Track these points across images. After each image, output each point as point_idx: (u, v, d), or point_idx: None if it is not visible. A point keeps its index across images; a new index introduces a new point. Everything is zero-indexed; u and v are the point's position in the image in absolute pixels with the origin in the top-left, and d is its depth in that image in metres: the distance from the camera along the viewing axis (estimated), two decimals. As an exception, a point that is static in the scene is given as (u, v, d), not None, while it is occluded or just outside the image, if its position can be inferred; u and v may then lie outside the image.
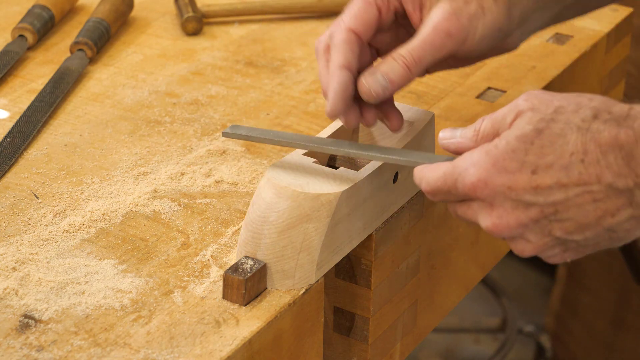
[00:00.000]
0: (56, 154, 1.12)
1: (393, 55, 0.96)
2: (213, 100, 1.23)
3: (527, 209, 0.85)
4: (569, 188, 0.83)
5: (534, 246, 0.87)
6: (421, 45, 0.96)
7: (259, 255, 0.92)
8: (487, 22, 0.98)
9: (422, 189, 0.90)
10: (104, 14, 1.35)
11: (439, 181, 0.88)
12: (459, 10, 0.97)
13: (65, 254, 0.97)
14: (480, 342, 2.43)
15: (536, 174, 0.84)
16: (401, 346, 1.09)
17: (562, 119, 0.85)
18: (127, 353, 0.85)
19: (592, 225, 0.84)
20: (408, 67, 0.95)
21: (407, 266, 1.05)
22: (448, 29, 0.96)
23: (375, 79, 0.95)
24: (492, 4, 0.98)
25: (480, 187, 0.85)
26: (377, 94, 0.95)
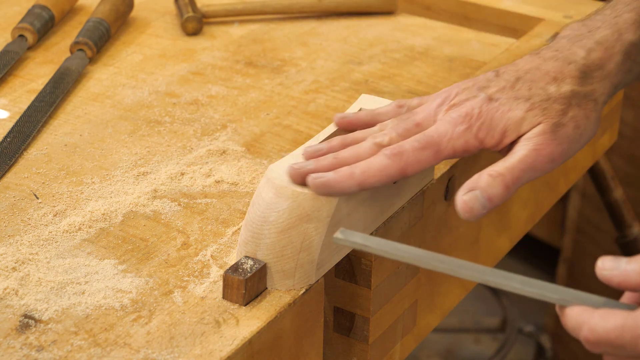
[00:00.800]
0: (56, 154, 1.12)
1: (491, 173, 0.91)
2: (213, 100, 1.23)
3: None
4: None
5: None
6: (520, 165, 0.92)
7: (259, 255, 0.92)
8: (583, 141, 0.95)
9: (581, 336, 0.77)
10: (104, 14, 1.35)
11: (613, 333, 0.75)
12: (557, 133, 0.93)
13: (65, 254, 0.97)
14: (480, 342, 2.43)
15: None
16: (401, 346, 1.09)
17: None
18: (127, 353, 0.85)
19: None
20: (507, 186, 0.91)
21: (407, 266, 1.05)
22: (551, 154, 0.93)
23: (475, 197, 0.90)
24: (586, 122, 0.95)
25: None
26: (478, 214, 0.90)
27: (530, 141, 0.93)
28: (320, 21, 1.44)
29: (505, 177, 0.91)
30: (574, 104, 0.96)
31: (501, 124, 0.94)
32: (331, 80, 1.28)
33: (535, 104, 0.95)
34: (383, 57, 1.34)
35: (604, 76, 0.98)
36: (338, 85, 1.27)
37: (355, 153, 0.94)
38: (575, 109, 0.95)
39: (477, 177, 0.92)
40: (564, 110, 0.95)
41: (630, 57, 0.99)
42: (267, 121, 1.19)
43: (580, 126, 0.95)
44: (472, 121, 0.94)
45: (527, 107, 0.95)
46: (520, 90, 0.96)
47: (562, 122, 0.94)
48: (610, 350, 0.77)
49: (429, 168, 1.04)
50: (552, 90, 0.96)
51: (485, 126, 0.94)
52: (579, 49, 0.99)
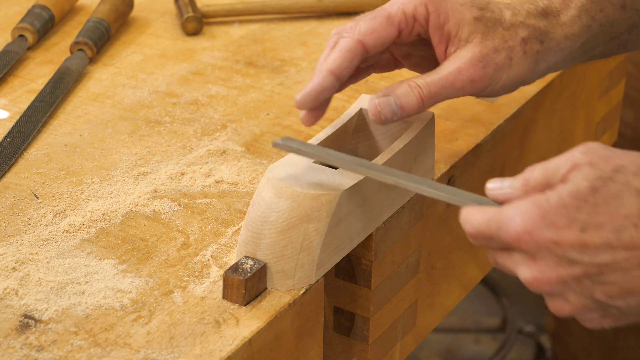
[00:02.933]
0: (56, 154, 1.12)
1: (410, 83, 0.95)
2: (213, 100, 1.23)
3: (571, 266, 0.81)
4: (617, 251, 0.80)
5: (572, 306, 0.83)
6: (441, 82, 0.95)
7: (259, 255, 0.92)
8: (512, 75, 0.97)
9: (465, 231, 0.86)
10: (104, 14, 1.35)
11: (483, 225, 0.84)
12: (488, 58, 0.96)
13: (65, 254, 0.97)
14: (480, 342, 2.43)
15: (585, 232, 0.80)
16: (401, 346, 1.09)
17: (621, 180, 0.81)
18: (127, 353, 0.85)
19: (637, 292, 0.81)
20: (422, 99, 0.94)
21: (407, 266, 1.05)
22: (472, 76, 0.95)
23: (387, 102, 0.94)
24: (521, 57, 0.97)
25: (524, 239, 0.82)
26: (385, 118, 0.94)
27: (457, 60, 0.96)
28: (320, 21, 1.44)
29: (422, 91, 0.94)
30: (518, 35, 0.98)
31: (449, 6, 0.97)
32: (331, 80, 1.28)
33: (485, 17, 0.97)
34: (383, 57, 1.34)
35: (558, 24, 1.00)
36: (338, 85, 1.27)
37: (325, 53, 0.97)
38: (516, 39, 0.98)
39: (396, 85, 0.95)
40: (505, 38, 0.97)
41: (589, 14, 1.01)
42: (267, 121, 1.19)
43: (513, 58, 0.97)
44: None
45: (478, 15, 0.97)
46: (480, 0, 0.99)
47: (497, 47, 0.97)
48: (485, 242, 0.85)
49: (429, 168, 1.04)
50: (506, 15, 0.98)
51: (435, 1, 0.97)
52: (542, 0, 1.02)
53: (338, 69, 0.94)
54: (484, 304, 2.46)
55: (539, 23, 0.99)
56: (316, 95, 0.95)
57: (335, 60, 0.95)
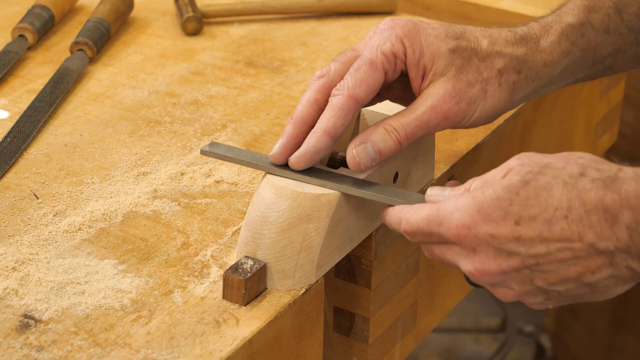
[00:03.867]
0: (56, 154, 1.12)
1: (385, 127, 0.94)
2: (213, 100, 1.23)
3: (509, 258, 0.84)
4: (551, 243, 0.83)
5: (515, 292, 0.86)
6: (415, 122, 0.94)
7: (259, 255, 0.92)
8: (486, 107, 0.96)
9: (401, 229, 0.90)
10: (104, 14, 1.35)
11: (422, 223, 0.88)
12: (461, 92, 0.95)
13: (65, 254, 0.97)
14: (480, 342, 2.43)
15: (519, 225, 0.84)
16: (401, 346, 1.09)
17: (549, 173, 0.84)
18: (127, 353, 0.85)
19: (573, 280, 0.84)
20: (400, 141, 0.94)
21: (407, 266, 1.05)
22: (446, 112, 0.95)
23: (365, 150, 0.93)
24: (496, 89, 0.97)
25: (463, 233, 0.85)
26: (365, 166, 0.94)
27: (429, 97, 0.95)
28: (320, 21, 1.44)
29: (399, 134, 0.94)
30: (494, 66, 0.97)
31: (423, 40, 0.96)
32: (331, 80, 1.28)
33: (461, 47, 0.96)
34: (383, 57, 1.34)
35: (537, 50, 0.99)
36: (338, 85, 1.27)
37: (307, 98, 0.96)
38: (492, 71, 0.97)
39: (371, 129, 0.94)
40: (480, 69, 0.96)
41: (569, 39, 1.00)
42: (267, 121, 1.19)
43: (488, 90, 0.96)
44: (397, 27, 0.96)
45: (453, 46, 0.96)
46: (454, 29, 0.98)
47: (470, 80, 0.96)
48: (423, 239, 0.88)
49: (429, 168, 1.04)
50: (483, 44, 0.97)
51: (410, 35, 0.96)
52: (522, 26, 1.01)
53: (333, 128, 0.93)
54: (484, 304, 2.46)
55: (517, 51, 0.98)
56: (311, 156, 0.94)
57: (329, 119, 0.93)
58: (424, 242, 0.89)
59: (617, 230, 0.82)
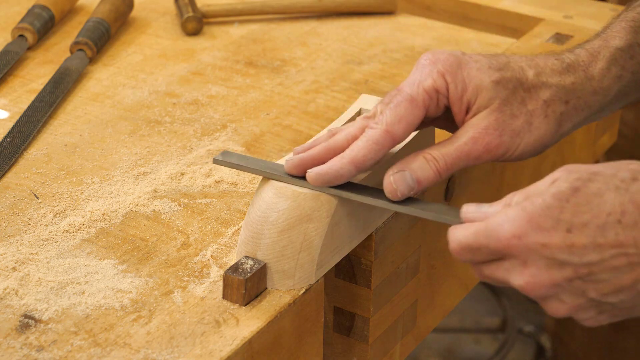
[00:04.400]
0: (56, 154, 1.12)
1: (425, 156, 0.92)
2: (213, 100, 1.23)
3: (562, 269, 0.82)
4: (605, 249, 0.81)
5: (568, 307, 0.84)
6: (456, 152, 0.92)
7: (259, 255, 0.92)
8: (532, 139, 0.94)
9: (450, 248, 0.86)
10: (104, 14, 1.35)
11: (470, 238, 0.84)
12: (504, 124, 0.93)
13: (65, 254, 0.97)
14: (480, 342, 2.43)
15: (571, 233, 0.81)
16: (401, 346, 1.09)
17: (599, 179, 0.82)
18: (127, 353, 0.85)
19: (627, 288, 0.82)
20: (439, 171, 0.92)
21: (407, 266, 1.05)
22: (488, 145, 0.92)
23: (403, 178, 0.91)
24: (542, 121, 0.94)
25: (514, 244, 0.82)
26: (402, 195, 0.91)
27: (471, 129, 0.93)
28: (320, 21, 1.44)
29: (438, 163, 0.92)
30: (540, 97, 0.95)
31: (465, 74, 0.93)
32: (331, 80, 1.28)
33: (505, 78, 0.94)
34: (383, 57, 1.34)
35: (586, 78, 0.97)
36: (338, 85, 1.27)
37: (346, 133, 0.93)
38: (537, 102, 0.94)
39: (411, 158, 0.92)
40: (525, 101, 0.94)
41: (618, 63, 0.98)
42: (267, 121, 1.19)
43: (533, 122, 0.94)
44: (439, 63, 0.94)
45: (497, 78, 0.94)
46: (498, 59, 0.96)
47: (514, 112, 0.94)
48: (472, 256, 0.85)
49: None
50: (529, 74, 0.95)
51: (451, 70, 0.93)
52: (569, 52, 0.99)
53: (362, 160, 0.91)
54: (484, 304, 2.46)
55: (565, 80, 0.95)
56: (330, 180, 0.91)
57: (360, 150, 0.91)
58: (473, 260, 0.86)
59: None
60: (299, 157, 0.92)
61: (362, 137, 0.91)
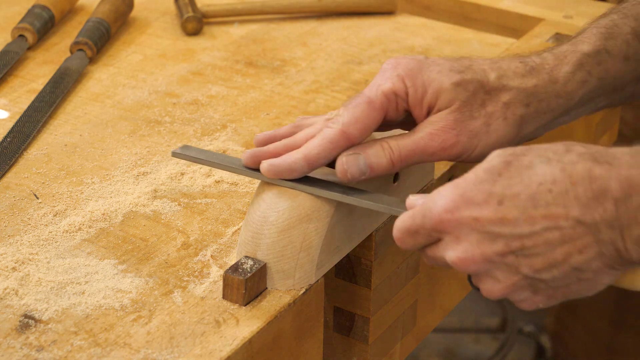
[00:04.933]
0: (56, 154, 1.12)
1: (382, 144, 0.92)
2: (213, 100, 1.23)
3: (493, 242, 0.82)
4: (536, 221, 0.81)
5: (502, 286, 0.84)
6: (412, 145, 0.93)
7: (259, 255, 0.92)
8: (490, 141, 0.94)
9: (394, 237, 0.87)
10: (104, 14, 1.35)
11: (407, 221, 0.85)
12: (462, 125, 0.93)
13: (65, 254, 0.97)
14: (480, 342, 2.43)
15: (502, 205, 0.81)
16: (401, 346, 1.09)
17: (532, 153, 0.82)
18: (127, 353, 0.85)
19: (560, 263, 0.81)
20: (393, 161, 0.92)
21: (407, 266, 1.05)
22: (444, 143, 0.93)
23: (356, 161, 0.92)
24: (501, 123, 0.94)
25: (446, 218, 0.83)
26: (352, 176, 0.92)
27: (429, 125, 0.93)
28: (320, 21, 1.44)
29: (393, 153, 0.92)
30: (500, 99, 0.95)
31: (425, 77, 0.94)
32: (331, 80, 1.28)
33: (465, 80, 0.94)
34: (383, 57, 1.34)
35: (550, 81, 0.96)
36: (338, 85, 1.27)
37: (306, 133, 0.94)
38: (497, 104, 0.94)
39: (369, 143, 0.93)
40: (484, 102, 0.94)
41: (584, 68, 0.98)
42: (267, 121, 1.19)
43: (492, 124, 0.94)
44: (399, 67, 0.94)
45: (457, 80, 0.94)
46: (460, 62, 0.96)
47: (473, 114, 0.94)
48: (413, 241, 0.86)
49: (429, 167, 1.04)
50: (491, 76, 0.95)
51: (411, 74, 0.94)
52: (535, 56, 0.99)
53: (315, 158, 0.92)
54: (484, 304, 2.46)
55: (527, 83, 0.96)
56: (282, 173, 0.92)
57: (314, 148, 0.92)
58: (416, 245, 0.86)
59: (603, 201, 0.79)
60: (257, 150, 0.94)
61: (318, 135, 0.92)
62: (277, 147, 0.94)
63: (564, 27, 1.38)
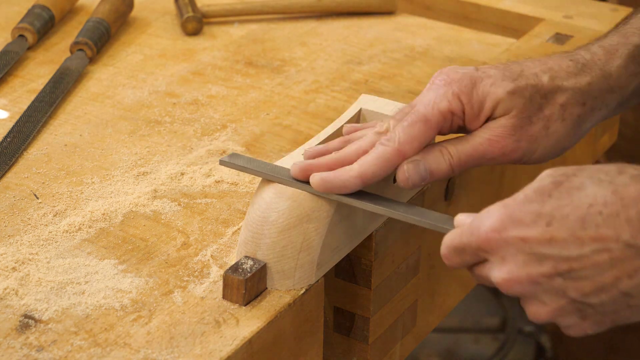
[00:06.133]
0: (56, 154, 1.12)
1: (441, 149, 0.92)
2: (213, 100, 1.23)
3: (540, 264, 0.80)
4: (585, 243, 0.79)
5: (548, 309, 0.82)
6: (471, 150, 0.93)
7: (259, 255, 0.92)
8: (550, 144, 0.94)
9: (441, 254, 0.86)
10: (104, 14, 1.35)
11: (456, 239, 0.84)
12: (521, 130, 0.93)
13: (65, 254, 0.97)
14: (480, 342, 2.43)
15: (551, 226, 0.79)
16: (401, 346, 1.09)
17: (583, 174, 0.81)
18: (127, 353, 0.85)
19: (609, 287, 0.79)
20: (452, 166, 0.92)
21: (407, 266, 1.05)
22: (504, 148, 0.93)
23: (417, 169, 0.91)
24: (559, 125, 0.94)
25: (494, 238, 0.81)
26: (414, 184, 0.92)
27: (489, 131, 0.93)
28: (320, 21, 1.44)
29: (453, 158, 0.92)
30: (556, 101, 0.94)
31: (480, 92, 0.94)
32: (331, 80, 1.28)
33: (520, 87, 0.94)
34: (383, 57, 1.34)
35: (602, 77, 0.96)
36: (338, 85, 1.27)
37: (357, 147, 0.93)
38: (554, 107, 0.94)
39: (428, 149, 0.93)
40: (542, 106, 0.94)
41: (636, 60, 0.97)
42: (267, 121, 1.19)
43: (550, 127, 0.94)
44: (453, 84, 0.94)
45: (512, 89, 0.94)
46: (511, 69, 0.95)
47: (532, 119, 0.94)
48: (459, 259, 0.85)
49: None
50: (544, 79, 0.95)
51: (466, 91, 0.94)
52: (584, 51, 0.98)
53: (370, 177, 0.91)
54: (484, 304, 2.46)
55: (581, 81, 0.95)
56: (334, 189, 0.91)
57: (370, 167, 0.91)
58: (463, 263, 0.85)
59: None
60: (307, 163, 0.92)
61: (373, 152, 0.91)
62: (328, 161, 0.93)
63: (564, 27, 1.38)
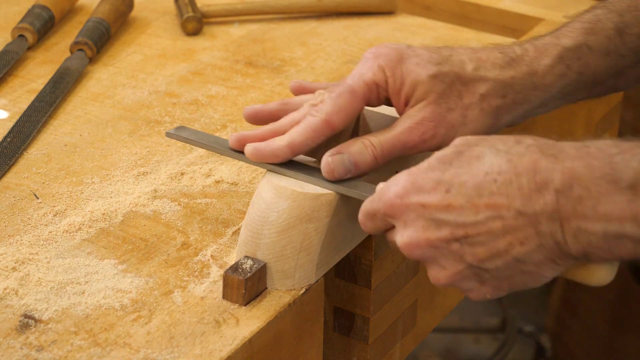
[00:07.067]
0: (56, 154, 1.12)
1: (364, 142, 0.95)
2: (213, 100, 1.23)
3: (438, 229, 0.84)
4: (480, 210, 0.82)
5: (448, 273, 0.85)
6: (392, 140, 0.95)
7: (259, 255, 0.92)
8: (467, 132, 0.96)
9: (358, 220, 0.90)
10: (104, 14, 1.35)
11: (367, 204, 0.88)
12: (439, 117, 0.95)
13: (65, 254, 0.97)
14: (480, 342, 2.43)
15: (449, 193, 0.83)
16: (401, 346, 1.09)
17: (484, 144, 0.84)
18: (127, 353, 0.85)
19: (502, 254, 0.83)
20: (376, 157, 0.95)
21: (407, 266, 1.05)
22: (423, 135, 0.95)
23: (341, 160, 0.94)
24: (478, 114, 0.96)
25: (397, 204, 0.85)
26: (339, 175, 0.94)
27: (409, 119, 0.95)
28: (320, 21, 1.44)
29: (376, 149, 0.95)
30: (476, 91, 0.96)
31: (404, 69, 0.96)
32: (331, 80, 1.28)
33: (442, 73, 0.96)
34: (383, 57, 1.34)
35: (528, 73, 0.98)
36: (338, 85, 1.27)
37: (291, 119, 0.97)
38: (473, 96, 0.96)
39: (351, 141, 0.95)
40: (461, 94, 0.96)
41: (564, 62, 0.99)
42: (267, 121, 1.19)
43: (468, 115, 0.96)
44: (380, 57, 0.97)
45: (433, 72, 0.96)
46: (440, 53, 0.98)
47: (450, 106, 0.96)
48: (371, 224, 0.89)
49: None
50: (468, 68, 0.97)
51: (391, 65, 0.96)
52: (518, 47, 1.00)
53: (298, 146, 0.94)
54: (484, 304, 2.46)
55: (505, 74, 0.97)
56: (265, 158, 0.94)
57: (298, 136, 0.94)
58: (375, 228, 0.89)
59: (545, 193, 0.81)
60: (242, 134, 0.97)
61: (302, 123, 0.95)
62: (262, 132, 0.97)
63: (564, 27, 1.38)
